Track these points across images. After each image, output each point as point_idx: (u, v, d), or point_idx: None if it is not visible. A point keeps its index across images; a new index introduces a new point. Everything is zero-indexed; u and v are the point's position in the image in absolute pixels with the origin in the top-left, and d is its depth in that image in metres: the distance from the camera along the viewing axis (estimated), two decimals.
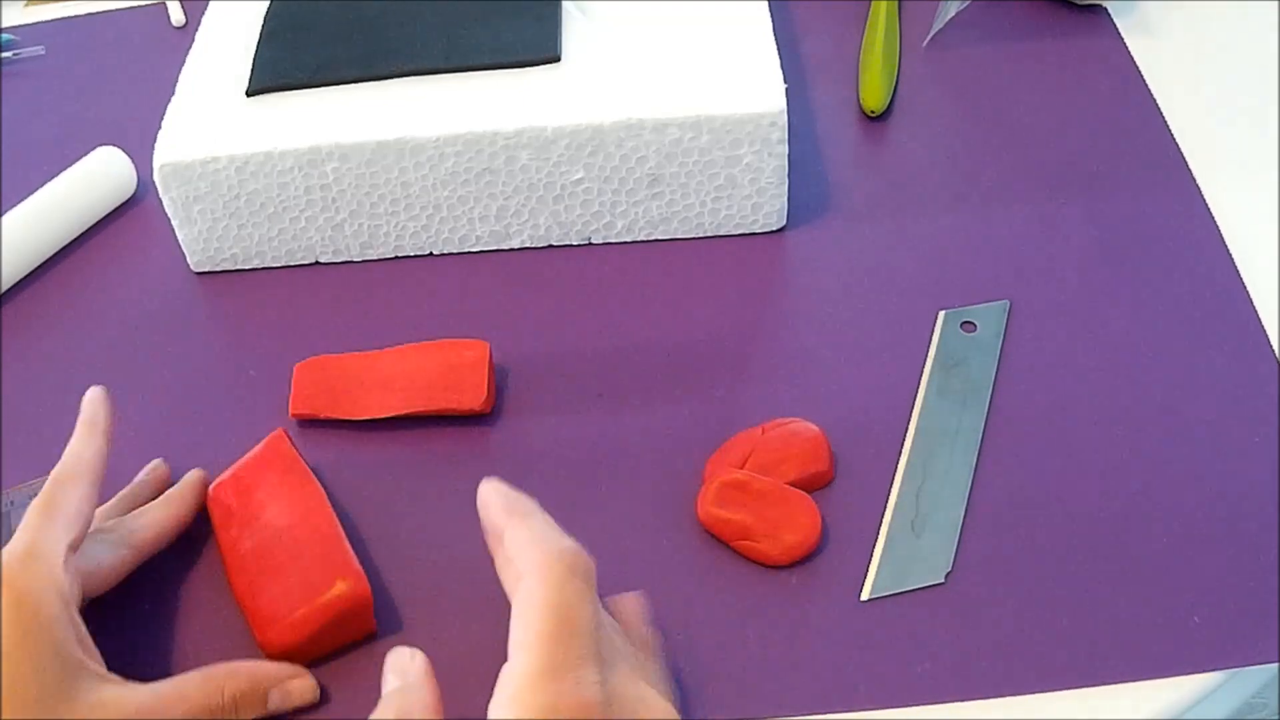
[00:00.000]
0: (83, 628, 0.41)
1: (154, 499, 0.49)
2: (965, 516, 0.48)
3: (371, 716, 0.38)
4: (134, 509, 0.49)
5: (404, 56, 0.59)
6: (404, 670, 0.40)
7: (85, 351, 0.58)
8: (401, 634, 0.47)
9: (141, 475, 0.51)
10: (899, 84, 0.67)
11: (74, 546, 0.42)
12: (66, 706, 0.39)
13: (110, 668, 0.41)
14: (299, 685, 0.44)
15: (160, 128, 0.58)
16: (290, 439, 0.50)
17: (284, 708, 0.44)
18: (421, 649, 0.46)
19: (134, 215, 0.65)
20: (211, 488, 0.50)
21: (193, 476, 0.50)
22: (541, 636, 0.35)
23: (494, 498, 0.40)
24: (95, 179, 0.64)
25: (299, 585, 0.45)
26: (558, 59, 0.59)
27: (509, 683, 0.35)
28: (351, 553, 0.46)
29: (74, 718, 0.39)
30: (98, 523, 0.47)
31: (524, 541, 0.38)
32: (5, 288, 0.61)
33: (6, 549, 0.41)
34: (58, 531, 0.42)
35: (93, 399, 0.47)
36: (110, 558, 0.46)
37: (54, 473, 0.44)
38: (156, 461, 0.52)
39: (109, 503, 0.49)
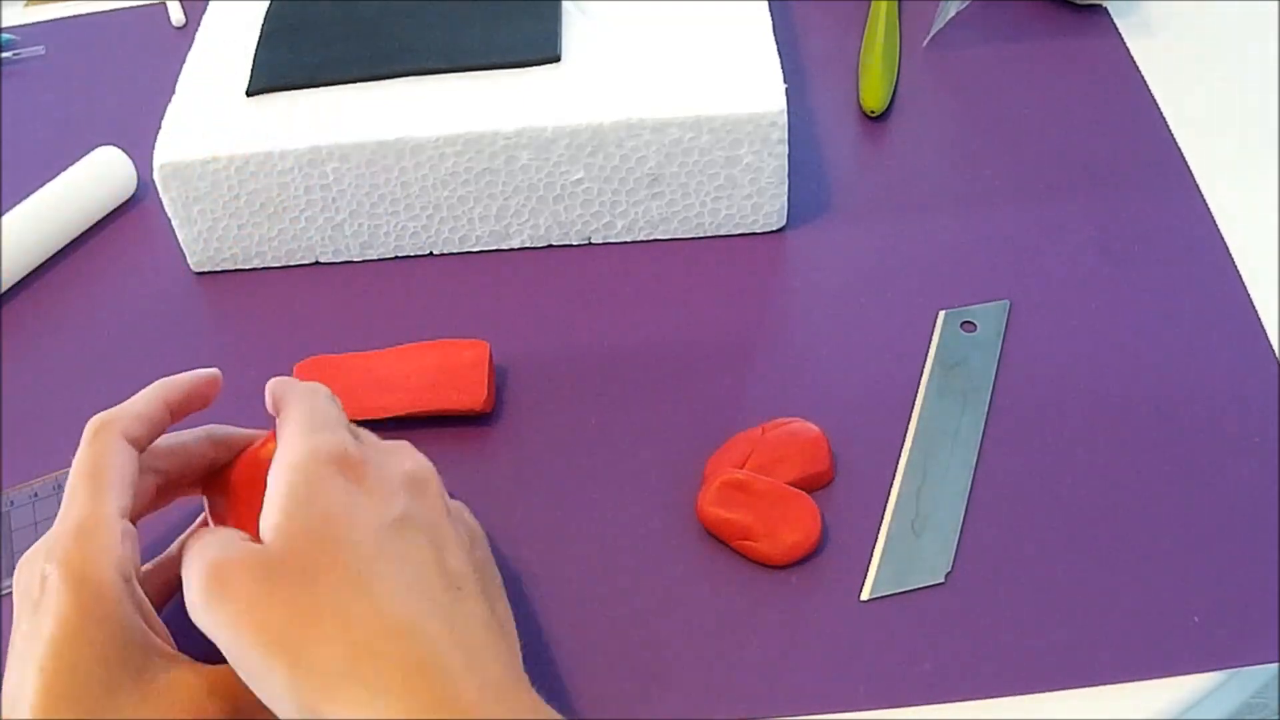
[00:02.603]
0: (147, 602, 0.39)
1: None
2: (965, 516, 0.48)
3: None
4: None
5: (404, 56, 0.59)
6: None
7: (85, 351, 0.58)
8: None
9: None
10: (899, 84, 0.67)
11: (126, 512, 0.39)
12: (139, 694, 0.36)
13: None
14: None
15: (160, 128, 0.58)
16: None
17: None
18: None
19: (134, 215, 0.65)
20: (204, 490, 0.49)
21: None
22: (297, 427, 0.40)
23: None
24: (95, 179, 0.64)
25: None
26: (558, 59, 0.59)
27: (275, 463, 0.39)
28: None
29: (147, 708, 0.36)
30: None
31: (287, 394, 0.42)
32: (5, 288, 0.61)
33: (56, 525, 0.39)
34: (109, 500, 0.39)
35: (198, 372, 0.45)
36: (141, 484, 0.42)
37: (92, 425, 0.41)
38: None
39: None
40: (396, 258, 0.61)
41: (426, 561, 0.37)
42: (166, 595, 0.44)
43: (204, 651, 0.37)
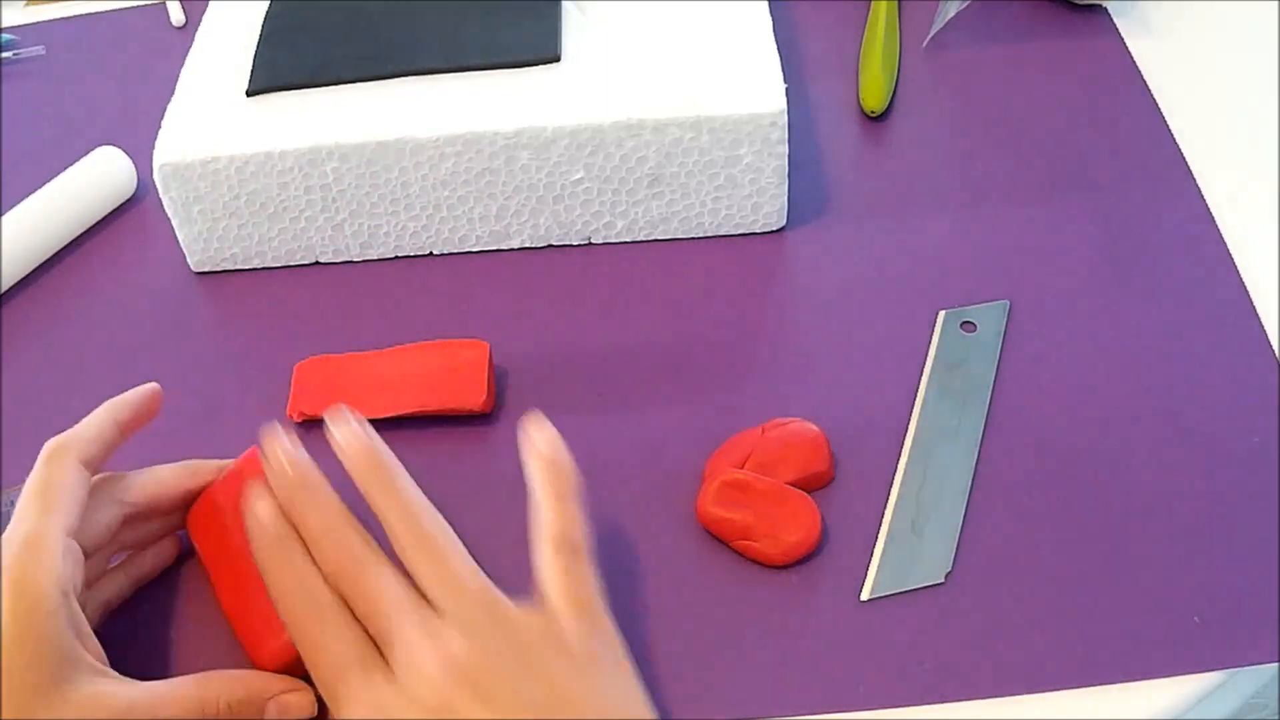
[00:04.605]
0: (82, 620, 0.41)
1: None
2: (965, 516, 0.48)
3: None
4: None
5: (404, 56, 0.59)
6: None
7: (85, 351, 0.58)
8: None
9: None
10: (899, 84, 0.67)
11: (71, 531, 0.42)
12: (60, 699, 0.38)
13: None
14: (297, 699, 0.43)
15: (160, 128, 0.58)
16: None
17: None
18: None
19: (134, 215, 0.65)
20: (188, 513, 0.49)
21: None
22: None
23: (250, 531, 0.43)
24: (95, 179, 0.64)
25: None
26: (558, 59, 0.59)
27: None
28: None
29: (66, 713, 0.38)
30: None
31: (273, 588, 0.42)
32: (5, 288, 0.61)
33: (5, 537, 0.41)
34: (56, 518, 0.41)
35: (142, 389, 0.47)
36: (104, 515, 0.45)
37: (47, 449, 0.43)
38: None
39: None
40: (396, 258, 0.61)
41: None
42: (104, 613, 0.47)
43: (138, 672, 0.40)
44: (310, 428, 0.54)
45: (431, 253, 0.61)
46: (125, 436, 0.46)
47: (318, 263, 0.61)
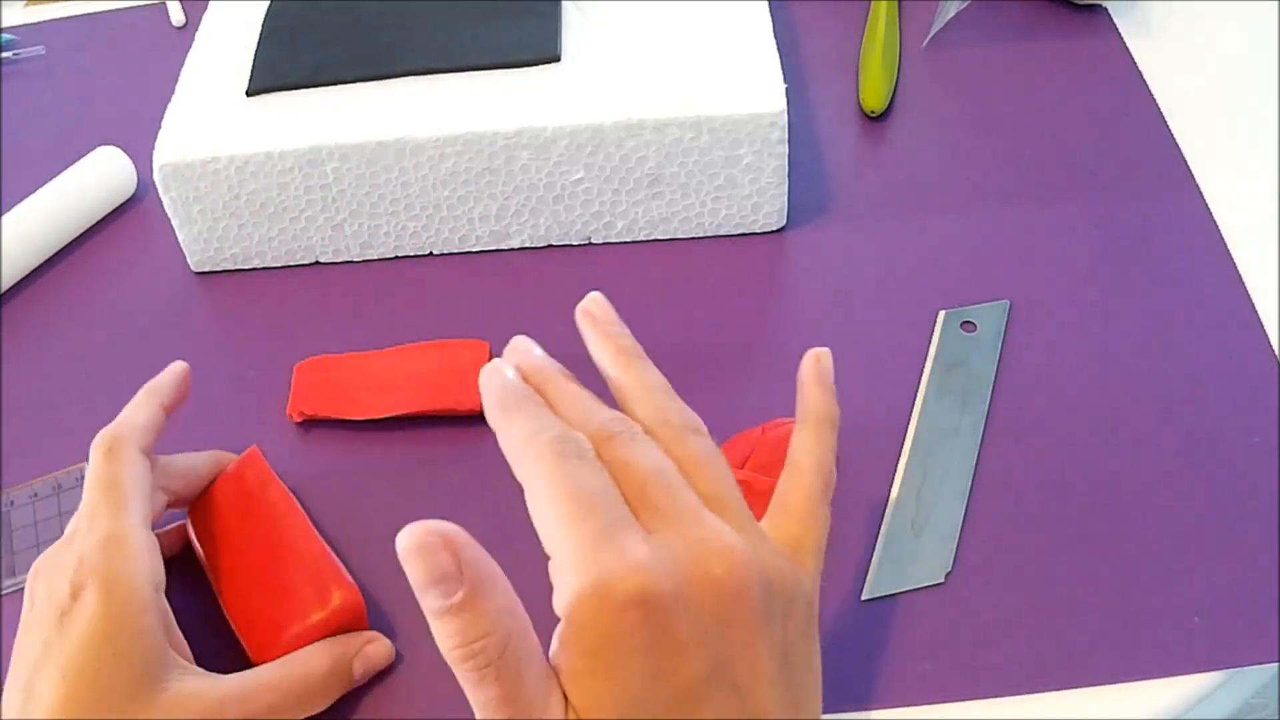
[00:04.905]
0: (170, 616, 0.40)
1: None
2: (965, 516, 0.48)
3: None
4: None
5: (404, 56, 0.59)
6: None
7: (85, 351, 0.58)
8: (397, 636, 0.46)
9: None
10: (899, 84, 0.67)
11: (148, 524, 0.41)
12: (152, 699, 0.38)
13: None
14: (377, 649, 0.44)
15: (160, 128, 0.58)
16: (264, 456, 0.49)
17: (369, 674, 0.44)
18: (418, 650, 0.46)
19: (134, 215, 0.65)
20: (188, 511, 0.49)
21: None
22: (561, 521, 0.32)
23: (487, 390, 0.36)
24: (95, 179, 0.64)
25: (291, 602, 0.44)
26: (558, 59, 0.59)
27: (556, 583, 0.33)
28: (340, 564, 0.46)
29: (156, 713, 0.38)
30: None
31: (512, 442, 0.35)
32: (5, 288, 0.61)
33: (81, 540, 0.40)
34: (133, 513, 0.41)
35: (174, 370, 0.47)
36: (154, 502, 0.44)
37: (103, 442, 0.43)
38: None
39: None
40: (396, 258, 0.61)
41: None
42: None
43: (220, 666, 0.39)
44: (310, 428, 0.54)
45: (431, 253, 0.61)
46: (167, 416, 0.46)
47: (318, 263, 0.61)
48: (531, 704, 0.31)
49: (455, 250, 0.61)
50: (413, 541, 0.31)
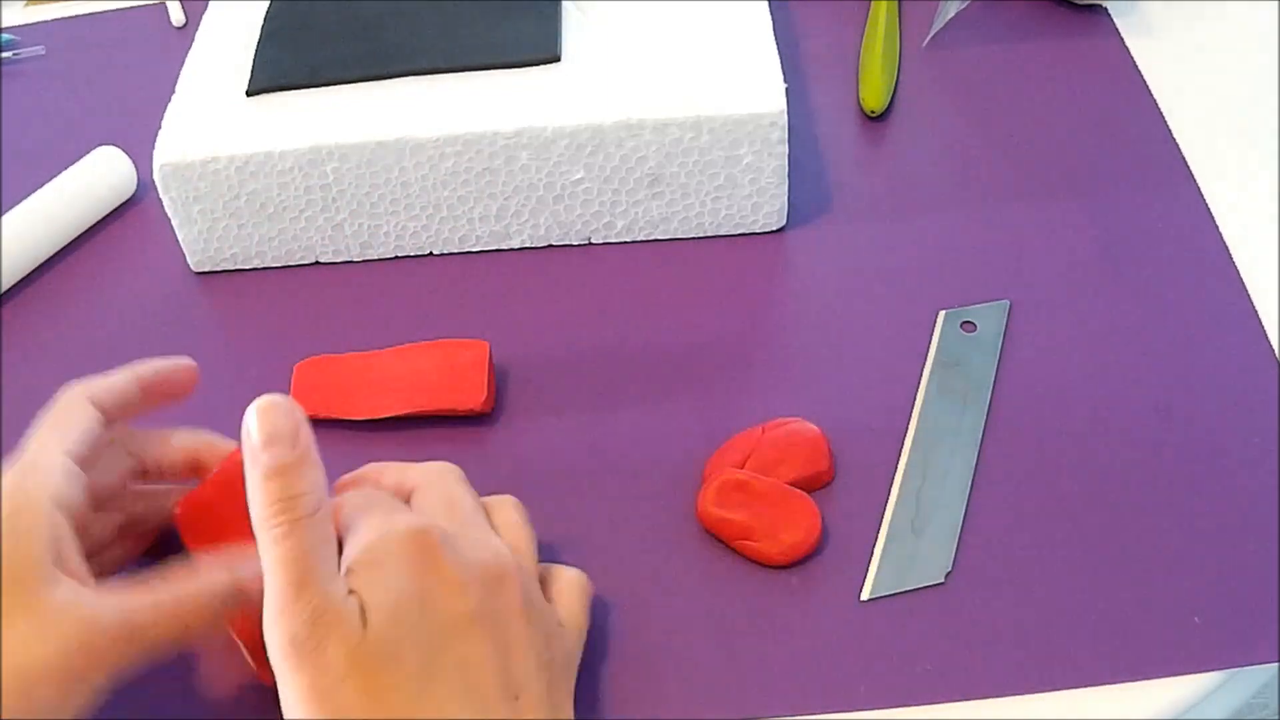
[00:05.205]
0: (71, 540, 0.39)
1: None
2: (965, 516, 0.48)
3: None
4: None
5: (404, 56, 0.59)
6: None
7: (85, 351, 0.58)
8: None
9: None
10: (899, 84, 0.67)
11: (73, 455, 0.41)
12: (28, 604, 0.37)
13: None
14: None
15: (160, 128, 0.58)
16: None
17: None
18: None
19: (134, 215, 0.65)
20: (179, 505, 0.48)
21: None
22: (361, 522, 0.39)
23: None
24: (95, 179, 0.64)
25: None
26: (558, 59, 0.59)
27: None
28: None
29: (31, 617, 0.37)
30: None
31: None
32: (5, 288, 0.61)
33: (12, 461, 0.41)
34: (55, 439, 0.41)
35: (172, 359, 0.46)
36: (116, 464, 0.45)
37: (60, 391, 0.43)
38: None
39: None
40: (396, 258, 0.61)
41: (487, 667, 0.37)
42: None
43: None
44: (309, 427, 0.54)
45: (431, 253, 0.61)
46: (150, 400, 0.46)
47: (318, 263, 0.61)
48: (317, 570, 0.36)
49: (455, 250, 0.61)
50: (264, 400, 0.37)
